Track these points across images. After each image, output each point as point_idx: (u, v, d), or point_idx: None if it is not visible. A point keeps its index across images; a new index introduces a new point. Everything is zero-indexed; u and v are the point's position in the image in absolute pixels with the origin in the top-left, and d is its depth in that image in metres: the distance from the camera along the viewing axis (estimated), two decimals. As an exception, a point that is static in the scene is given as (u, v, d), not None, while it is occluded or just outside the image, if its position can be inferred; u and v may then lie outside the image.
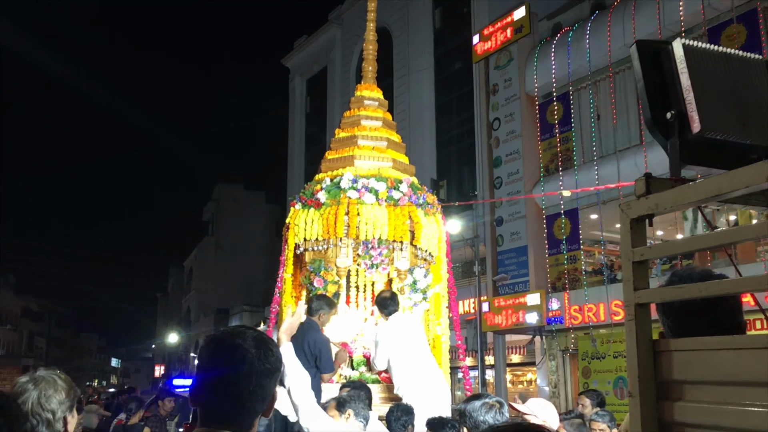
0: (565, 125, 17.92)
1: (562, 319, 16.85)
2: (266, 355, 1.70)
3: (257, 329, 1.79)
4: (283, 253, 7.18)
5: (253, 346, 1.69)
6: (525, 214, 18.54)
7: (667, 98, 1.70)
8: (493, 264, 19.33)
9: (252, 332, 1.74)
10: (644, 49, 1.74)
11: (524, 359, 20.24)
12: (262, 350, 1.70)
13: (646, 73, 1.73)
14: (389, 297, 6.43)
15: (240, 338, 1.70)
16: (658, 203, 1.62)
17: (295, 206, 7.04)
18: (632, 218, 1.68)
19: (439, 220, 7.40)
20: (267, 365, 1.69)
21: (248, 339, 1.70)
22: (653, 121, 1.72)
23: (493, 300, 18.50)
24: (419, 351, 6.23)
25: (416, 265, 6.91)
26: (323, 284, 6.57)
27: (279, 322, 7.14)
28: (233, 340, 1.70)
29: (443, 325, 7.13)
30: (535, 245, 18.14)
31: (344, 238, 6.70)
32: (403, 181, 6.98)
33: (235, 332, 1.73)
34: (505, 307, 18.01)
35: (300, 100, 34.01)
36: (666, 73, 1.71)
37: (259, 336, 1.74)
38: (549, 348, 17.83)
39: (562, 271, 17.46)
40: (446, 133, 24.35)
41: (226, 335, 1.72)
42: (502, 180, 19.33)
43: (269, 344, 1.73)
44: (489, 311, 18.38)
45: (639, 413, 1.59)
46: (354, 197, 6.76)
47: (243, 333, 1.72)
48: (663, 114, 1.70)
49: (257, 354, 1.69)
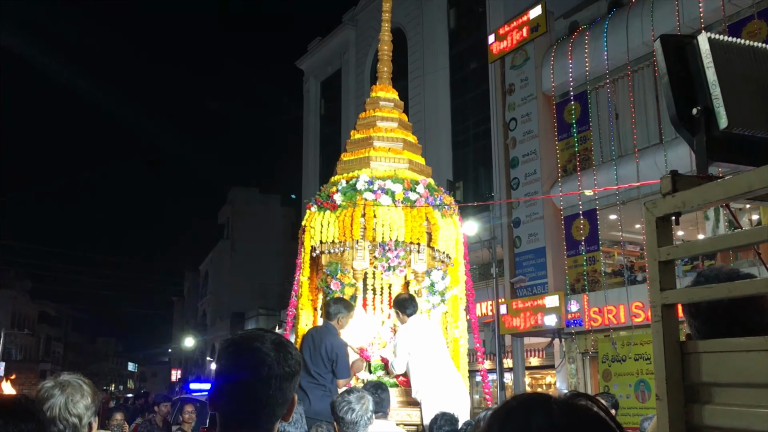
0: (583, 125, 17.82)
1: (582, 321, 16.75)
2: (285, 358, 1.69)
3: (275, 332, 1.79)
4: (299, 256, 7.20)
5: (273, 350, 1.68)
6: (543, 215, 18.46)
7: (692, 94, 1.67)
8: (511, 266, 19.25)
9: (271, 335, 1.72)
10: (669, 44, 1.72)
11: (543, 362, 20.13)
12: (282, 353, 1.69)
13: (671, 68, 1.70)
14: (408, 299, 6.43)
15: (259, 341, 1.69)
16: (685, 201, 1.60)
17: (311, 209, 7.06)
18: (658, 217, 1.65)
19: (456, 222, 7.38)
20: (287, 368, 1.68)
21: (267, 342, 1.69)
22: (679, 118, 1.69)
23: (511, 302, 18.43)
24: (438, 354, 6.22)
25: (434, 267, 6.90)
26: (340, 287, 6.58)
27: (296, 325, 7.15)
28: (252, 343, 1.69)
29: (461, 327, 7.11)
30: (553, 246, 18.05)
31: (361, 241, 6.70)
32: (419, 183, 6.97)
33: (253, 335, 1.72)
34: (524, 310, 17.94)
35: (314, 102, 34.11)
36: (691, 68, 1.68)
37: (278, 339, 1.73)
38: (568, 351, 17.72)
39: (581, 273, 17.35)
40: (462, 134, 24.29)
41: (245, 339, 1.71)
42: (519, 181, 19.25)
43: (288, 347, 1.72)
44: (507, 314, 18.31)
45: (667, 416, 1.56)
46: (370, 199, 6.77)
47: (261, 336, 1.71)
48: (689, 110, 1.67)
49: (276, 357, 1.67)
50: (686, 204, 1.60)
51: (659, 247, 1.64)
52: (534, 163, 18.84)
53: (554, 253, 18.00)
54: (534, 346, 19.89)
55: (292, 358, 1.71)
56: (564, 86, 18.31)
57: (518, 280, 18.61)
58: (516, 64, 19.73)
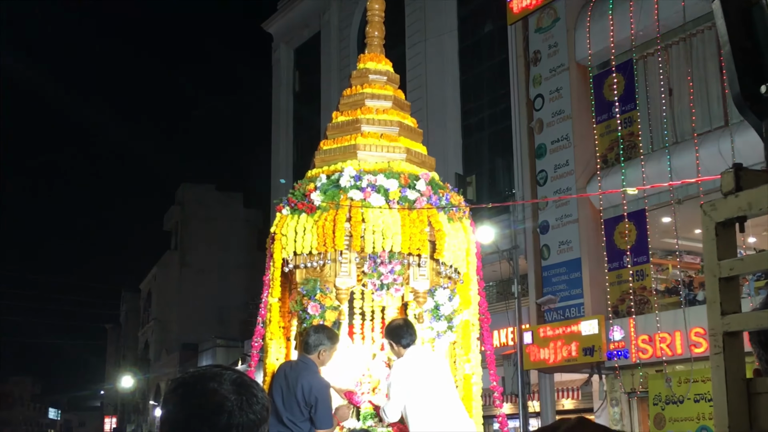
0: (628, 103, 17.89)
1: (627, 352, 16.80)
2: (249, 402, 1.70)
3: (236, 369, 1.79)
4: (267, 272, 7.18)
5: (233, 392, 1.69)
6: (577, 217, 18.51)
7: (760, 68, 1.69)
8: (537, 282, 19.28)
9: (231, 373, 1.73)
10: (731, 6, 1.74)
11: (578, 405, 20.14)
12: (245, 396, 1.70)
13: (734, 36, 1.72)
14: (403, 326, 6.44)
15: (215, 381, 1.70)
16: (751, 202, 1.62)
17: (282, 211, 7.06)
18: (718, 222, 1.68)
19: (468, 227, 7.39)
20: (251, 416, 1.69)
21: (226, 382, 1.70)
22: (743, 97, 1.71)
23: (537, 329, 18.46)
24: (443, 395, 6.23)
25: (438, 285, 6.90)
26: (320, 311, 6.58)
27: (263, 360, 7.15)
28: (207, 384, 1.70)
29: (474, 361, 7.12)
30: (590, 258, 18.10)
31: (346, 252, 6.70)
32: (420, 178, 6.98)
33: (208, 374, 1.72)
34: (554, 338, 17.98)
35: (286, 75, 34.11)
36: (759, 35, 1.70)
37: (240, 378, 1.73)
38: (611, 390, 17.76)
39: (626, 291, 17.40)
40: (475, 116, 24.35)
41: (198, 378, 1.72)
42: (547, 174, 19.30)
43: (253, 388, 1.73)
44: (533, 343, 18.35)
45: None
46: (357, 198, 6.77)
47: (219, 375, 1.72)
48: (755, 88, 1.69)
49: (238, 402, 1.68)
50: (753, 206, 1.62)
51: (719, 261, 1.66)
52: (566, 151, 18.90)
53: (592, 267, 18.05)
54: (567, 384, 19.93)
55: (257, 402, 1.71)
56: (604, 54, 18.37)
57: (547, 301, 18.65)
58: (542, 27, 19.78)
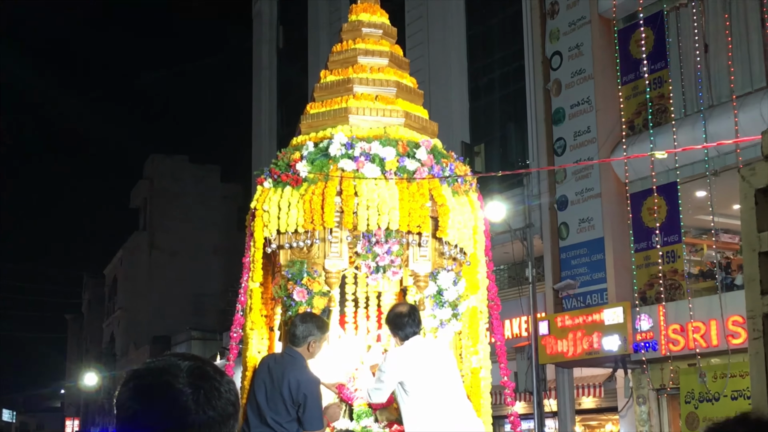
0: (658, 61, 17.83)
1: (656, 344, 16.84)
2: (210, 397, 1.69)
3: (198, 358, 1.77)
4: (247, 253, 7.18)
5: (189, 385, 1.68)
6: (600, 191, 18.49)
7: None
8: (555, 265, 19.29)
9: (189, 364, 1.72)
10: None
11: (601, 403, 20.23)
12: (204, 390, 1.69)
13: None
14: (406, 314, 6.42)
15: (169, 373, 1.69)
16: (796, 165, 1.61)
17: (264, 184, 7.05)
18: (758, 189, 1.67)
19: (475, 202, 7.38)
20: (210, 412, 1.67)
21: (183, 374, 1.69)
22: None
23: (554, 318, 18.50)
24: (447, 392, 6.24)
25: (442, 267, 6.91)
26: (307, 297, 6.58)
27: (244, 353, 7.16)
28: (161, 377, 1.69)
29: (482, 354, 7.13)
30: (615, 237, 18.10)
31: (336, 230, 6.70)
32: (420, 145, 6.97)
33: (164, 366, 1.71)
34: (573, 328, 18.01)
35: (269, 29, 33.96)
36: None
37: (200, 369, 1.72)
38: (637, 387, 17.82)
39: (655, 275, 17.42)
40: (483, 76, 24.27)
41: (152, 371, 1.71)
42: (565, 142, 19.26)
43: (215, 381, 1.72)
44: (549, 334, 18.38)
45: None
46: (349, 169, 6.76)
47: (175, 366, 1.71)
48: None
49: (195, 396, 1.67)
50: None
51: (759, 233, 1.65)
52: (587, 117, 18.85)
53: (617, 247, 18.05)
54: (588, 380, 19.99)
55: (220, 396, 1.70)
56: (630, 5, 18.28)
57: (565, 286, 18.66)
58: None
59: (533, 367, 18.35)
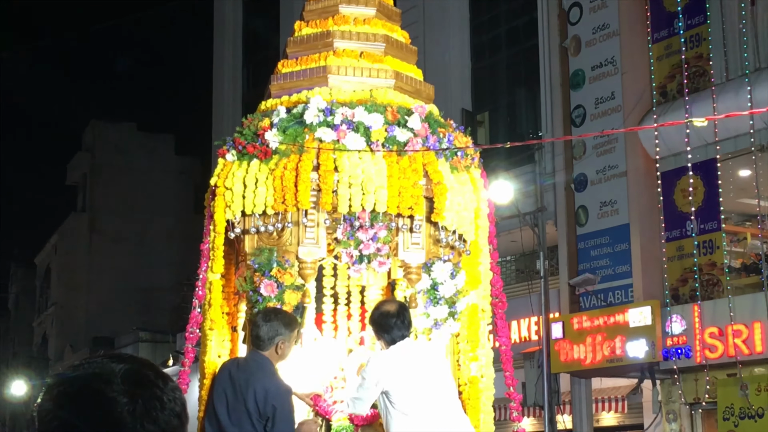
0: (696, 15, 17.82)
1: (690, 350, 16.90)
2: (148, 408, 1.68)
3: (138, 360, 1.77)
4: (206, 239, 7.17)
5: (125, 393, 1.67)
6: (626, 168, 18.50)
7: None
8: (571, 257, 19.33)
9: (125, 367, 1.71)
10: None
11: (624, 419, 20.30)
12: (142, 399, 1.68)
13: None
14: (394, 313, 6.43)
15: (102, 380, 1.68)
16: None
17: (226, 156, 7.05)
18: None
19: (478, 180, 7.40)
20: (149, 427, 1.67)
21: (116, 380, 1.68)
22: None
23: (570, 319, 18.54)
24: (440, 405, 6.26)
25: (437, 257, 6.93)
26: (277, 291, 6.59)
27: (201, 357, 7.16)
28: (90, 383, 1.68)
29: (483, 360, 7.16)
30: (642, 223, 18.14)
31: (312, 212, 6.71)
32: (413, 112, 6.97)
33: (94, 369, 1.71)
34: (592, 331, 18.06)
35: (233, -27, 33.79)
36: None
37: (139, 374, 1.72)
38: (667, 401, 17.88)
39: (689, 269, 17.46)
40: (488, 32, 24.25)
41: (79, 376, 1.71)
42: (585, 111, 19.25)
43: (155, 388, 1.71)
44: (564, 338, 18.43)
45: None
46: (329, 140, 6.75)
47: (108, 370, 1.70)
48: None
49: (131, 408, 1.66)
50: None
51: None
52: (611, 80, 18.86)
53: (644, 235, 18.09)
54: (609, 392, 20.05)
55: (163, 407, 1.70)
56: (664, -52, 18.27)
57: (583, 282, 18.69)
58: None
59: (544, 377, 18.41)
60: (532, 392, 18.93)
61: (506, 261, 22.48)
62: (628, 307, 17.75)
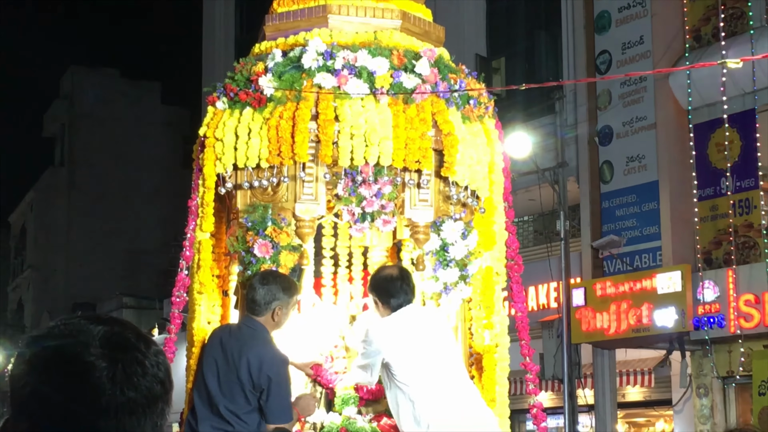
0: (733, -49, 17.75)
1: (724, 319, 16.92)
2: (129, 373, 1.67)
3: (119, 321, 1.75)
4: (194, 195, 7.16)
5: (104, 357, 1.66)
6: (655, 120, 18.48)
7: None
8: (595, 217, 19.34)
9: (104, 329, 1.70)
10: None
11: (650, 394, 20.40)
12: (122, 364, 1.67)
13: None
14: (396, 278, 6.46)
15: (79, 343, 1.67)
16: None
17: (217, 104, 7.02)
18: None
19: (492, 132, 7.37)
20: (130, 393, 1.66)
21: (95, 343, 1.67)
22: None
23: (593, 284, 18.58)
24: (450, 376, 6.29)
25: (447, 215, 6.91)
26: (272, 252, 6.58)
27: (189, 323, 7.16)
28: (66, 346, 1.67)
29: (498, 328, 7.16)
30: (673, 181, 18.14)
31: (310, 165, 6.69)
32: (422, 56, 6.92)
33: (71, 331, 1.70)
34: (617, 298, 18.10)
35: None
36: None
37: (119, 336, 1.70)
38: (697, 374, 17.94)
39: (723, 230, 17.46)
40: (505, -31, 24.15)
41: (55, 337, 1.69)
42: (610, 57, 19.20)
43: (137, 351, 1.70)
44: (585, 305, 18.48)
45: None
46: (329, 86, 6.72)
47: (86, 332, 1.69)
48: None
49: (111, 372, 1.65)
50: None
51: None
52: (640, 23, 18.81)
53: (675, 194, 18.09)
54: (634, 365, 20.13)
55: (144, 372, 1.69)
56: None
57: (607, 244, 18.71)
58: None
59: (564, 348, 18.47)
60: (550, 364, 19.00)
61: (523, 221, 22.51)
62: (656, 272, 17.79)
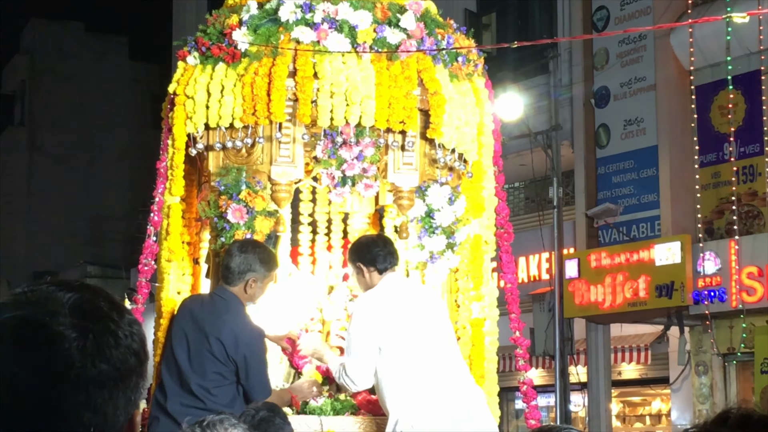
0: None
1: (725, 292, 16.96)
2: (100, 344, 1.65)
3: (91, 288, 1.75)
4: (163, 156, 7.15)
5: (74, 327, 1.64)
6: (655, 81, 18.46)
7: None
8: (590, 184, 19.34)
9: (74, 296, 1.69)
10: None
11: (647, 372, 20.47)
12: (93, 334, 1.66)
13: None
14: (378, 242, 6.49)
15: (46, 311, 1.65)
16: None
17: (188, 59, 7.01)
18: None
19: (482, 91, 7.38)
20: (102, 366, 1.64)
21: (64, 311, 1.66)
22: None
23: (587, 255, 18.61)
24: (437, 351, 6.30)
25: (433, 179, 6.94)
26: (246, 218, 6.59)
27: (157, 293, 7.17)
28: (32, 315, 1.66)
29: (487, 300, 7.18)
30: (673, 145, 18.14)
31: (287, 125, 6.70)
32: (407, 9, 6.93)
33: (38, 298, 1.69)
34: (612, 270, 18.13)
35: None
36: None
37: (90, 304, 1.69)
38: (696, 350, 18.00)
39: (726, 198, 17.48)
40: None
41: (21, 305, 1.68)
42: (608, 13, 19.15)
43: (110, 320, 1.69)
44: (579, 277, 18.51)
45: None
46: (307, 41, 6.73)
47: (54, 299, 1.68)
48: None
49: (81, 343, 1.63)
50: None
51: None
52: (640, -24, 18.74)
53: (675, 159, 18.10)
54: (630, 341, 20.20)
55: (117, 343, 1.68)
56: None
57: (603, 212, 18.72)
58: None
59: (556, 323, 18.52)
60: (541, 340, 19.02)
61: (514, 188, 22.51)
62: (655, 242, 17.80)
